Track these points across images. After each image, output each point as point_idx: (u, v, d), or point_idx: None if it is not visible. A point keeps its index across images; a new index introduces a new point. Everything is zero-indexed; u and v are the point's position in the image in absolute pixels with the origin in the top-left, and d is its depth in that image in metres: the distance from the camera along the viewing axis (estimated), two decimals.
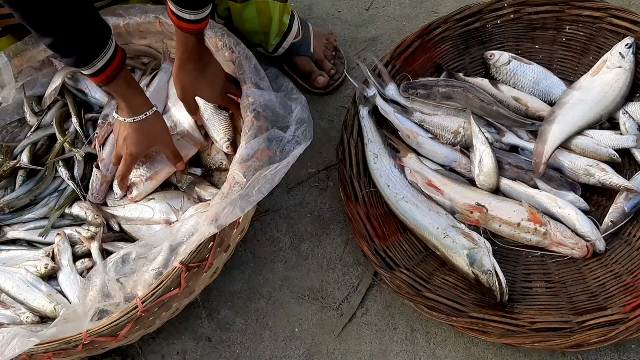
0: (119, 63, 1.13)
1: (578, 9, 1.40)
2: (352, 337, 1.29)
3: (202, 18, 1.14)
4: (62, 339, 1.09)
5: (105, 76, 1.12)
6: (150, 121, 1.22)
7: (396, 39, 1.62)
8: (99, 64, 1.10)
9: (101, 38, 1.10)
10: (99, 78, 1.12)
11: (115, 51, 1.12)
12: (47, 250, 1.32)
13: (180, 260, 1.10)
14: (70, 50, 1.07)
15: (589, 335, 1.10)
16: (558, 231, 1.24)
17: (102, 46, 1.09)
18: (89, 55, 1.09)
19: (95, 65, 1.09)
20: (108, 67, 1.11)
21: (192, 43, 1.19)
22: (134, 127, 1.22)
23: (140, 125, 1.22)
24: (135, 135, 1.23)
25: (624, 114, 1.32)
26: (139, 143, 1.24)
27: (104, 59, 1.10)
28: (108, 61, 1.11)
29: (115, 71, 1.13)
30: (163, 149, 1.29)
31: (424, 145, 1.39)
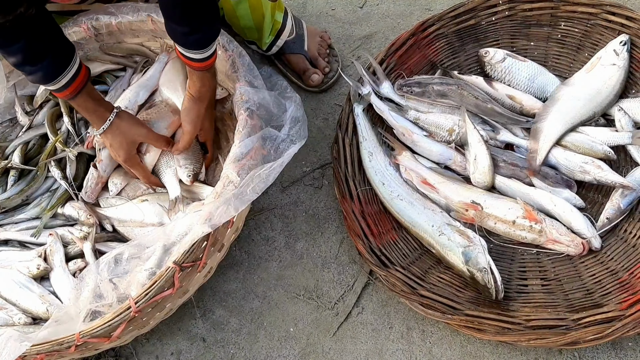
0: (83, 79, 1.17)
1: (573, 5, 1.40)
2: (347, 337, 1.28)
3: (209, 55, 1.16)
4: (54, 340, 1.08)
5: (69, 92, 1.16)
6: (117, 123, 1.24)
7: (390, 36, 1.61)
8: (63, 80, 1.14)
9: (65, 55, 1.14)
10: (63, 93, 1.17)
11: (79, 67, 1.16)
12: (39, 250, 1.30)
13: (173, 260, 1.09)
14: (35, 68, 1.11)
15: (585, 333, 1.10)
16: (553, 228, 1.24)
17: (65, 63, 1.13)
18: (54, 73, 1.13)
19: (60, 81, 1.14)
20: (72, 83, 1.15)
21: (208, 78, 1.23)
22: (108, 136, 1.25)
23: (112, 131, 1.24)
24: (114, 141, 1.25)
25: (619, 111, 1.32)
26: (121, 147, 1.26)
27: (68, 75, 1.14)
28: (72, 77, 1.15)
29: (80, 87, 1.17)
30: (145, 140, 1.29)
31: (419, 143, 1.39)
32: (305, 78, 1.57)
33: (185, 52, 1.14)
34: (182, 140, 1.29)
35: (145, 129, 1.28)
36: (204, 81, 1.22)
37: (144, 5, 1.41)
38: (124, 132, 1.25)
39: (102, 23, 1.41)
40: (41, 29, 1.09)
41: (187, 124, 1.27)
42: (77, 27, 1.41)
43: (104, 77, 1.49)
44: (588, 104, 1.33)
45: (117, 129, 1.24)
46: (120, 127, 1.24)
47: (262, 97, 1.26)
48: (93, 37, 1.43)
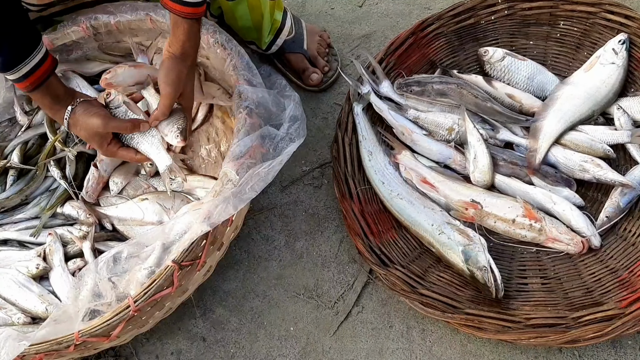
0: (47, 70, 1.10)
1: (572, 5, 1.40)
2: (348, 336, 1.28)
3: (200, 2, 1.08)
4: (53, 340, 1.08)
5: (29, 82, 1.09)
6: (73, 120, 1.15)
7: (390, 35, 1.62)
8: (24, 69, 1.07)
9: (28, 44, 1.07)
10: (23, 84, 1.09)
11: (43, 58, 1.09)
12: (38, 250, 1.30)
13: (172, 258, 1.09)
14: None
15: (585, 331, 1.10)
16: (553, 227, 1.24)
17: (28, 52, 1.07)
18: (13, 61, 1.06)
19: (20, 70, 1.07)
20: (32, 73, 1.08)
21: (196, 30, 1.12)
22: (72, 126, 1.16)
23: (74, 128, 1.16)
24: (82, 132, 1.16)
25: (619, 109, 1.32)
26: (90, 140, 1.17)
27: (29, 64, 1.07)
28: (33, 67, 1.08)
29: (40, 79, 1.09)
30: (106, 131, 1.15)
31: (418, 142, 1.39)
32: (304, 77, 1.57)
33: None
34: (160, 106, 1.15)
35: (102, 118, 1.14)
36: (190, 35, 1.11)
37: (143, 4, 1.40)
38: (83, 127, 1.15)
39: (100, 22, 1.40)
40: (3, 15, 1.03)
41: (167, 85, 1.12)
42: (76, 26, 1.40)
43: None
44: (587, 102, 1.33)
45: (76, 125, 1.15)
46: (77, 122, 1.14)
47: (261, 95, 1.26)
48: (92, 36, 1.43)
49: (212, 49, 1.33)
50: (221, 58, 1.32)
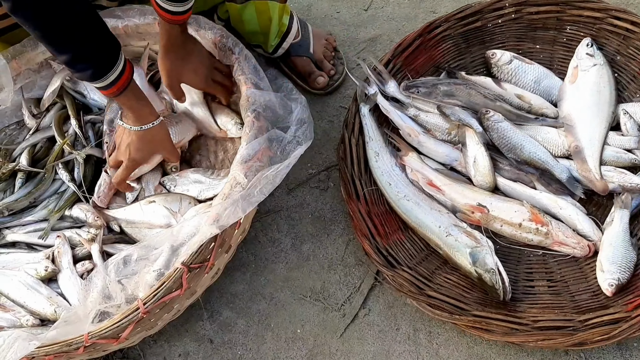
0: (129, 75, 1.17)
1: (579, 10, 1.40)
2: (354, 338, 1.29)
3: (185, 10, 1.18)
4: (63, 341, 1.09)
5: (116, 88, 1.16)
6: (155, 130, 1.25)
7: (395, 39, 1.62)
8: (111, 77, 1.13)
9: (113, 52, 1.13)
10: (110, 91, 1.16)
11: (125, 64, 1.16)
12: (47, 252, 1.31)
13: (182, 261, 1.10)
14: (85, 65, 1.11)
15: (592, 334, 1.10)
16: (560, 231, 1.24)
17: (113, 60, 1.13)
18: (102, 70, 1.12)
19: (108, 78, 1.13)
20: (119, 80, 1.15)
21: (176, 32, 1.24)
22: (138, 135, 1.25)
23: (145, 134, 1.25)
24: (140, 142, 1.26)
25: (625, 114, 1.32)
26: (142, 150, 1.27)
27: (116, 72, 1.13)
28: (119, 74, 1.14)
29: (126, 83, 1.17)
30: (164, 155, 1.33)
31: (425, 144, 1.39)
32: (310, 80, 1.57)
33: (163, 3, 1.16)
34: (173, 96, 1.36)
35: (171, 144, 1.31)
36: (171, 34, 1.23)
37: (151, 9, 1.41)
38: (155, 140, 1.27)
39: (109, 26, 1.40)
40: (90, 27, 1.09)
41: (164, 78, 1.32)
42: None
43: None
44: (601, 107, 1.33)
45: (150, 135, 1.25)
46: (156, 136, 1.26)
47: (268, 99, 1.27)
48: None
49: (219, 52, 1.34)
50: (229, 62, 1.33)
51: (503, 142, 1.33)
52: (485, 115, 1.34)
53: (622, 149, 1.30)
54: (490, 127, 1.34)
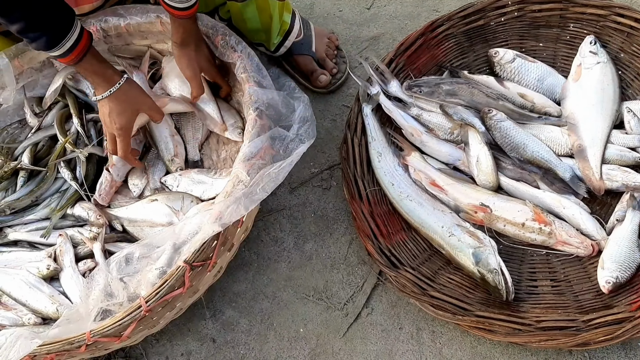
0: (87, 41, 1.19)
1: (582, 7, 1.41)
2: (357, 337, 1.29)
3: (192, 4, 1.23)
4: (65, 339, 1.09)
5: (74, 55, 1.17)
6: (125, 89, 1.25)
7: (398, 37, 1.62)
8: (67, 44, 1.15)
9: (67, 19, 1.15)
10: (68, 58, 1.17)
11: (81, 31, 1.17)
12: (49, 251, 1.32)
13: (184, 259, 1.10)
14: (38, 34, 1.12)
15: (596, 334, 1.10)
16: (563, 230, 1.24)
17: (68, 27, 1.14)
18: (57, 37, 1.14)
19: (64, 45, 1.15)
20: (76, 46, 1.16)
21: (189, 26, 1.28)
22: (112, 100, 1.25)
23: (118, 95, 1.25)
24: (118, 106, 1.25)
25: (628, 112, 1.32)
26: (124, 112, 1.26)
27: (72, 39, 1.15)
28: (76, 40, 1.16)
29: (84, 49, 1.18)
30: (147, 111, 1.31)
31: (427, 144, 1.39)
32: (313, 79, 1.57)
33: (170, 1, 1.20)
34: (192, 88, 1.35)
35: (150, 99, 1.31)
36: (185, 27, 1.28)
37: (153, 7, 1.41)
38: (130, 98, 1.26)
39: (110, 25, 1.42)
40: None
41: (186, 69, 1.33)
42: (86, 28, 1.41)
43: None
44: (605, 105, 1.33)
45: (123, 95, 1.25)
46: (127, 93, 1.25)
47: (271, 97, 1.27)
48: (102, 39, 1.44)
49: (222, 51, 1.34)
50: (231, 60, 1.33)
51: (506, 141, 1.33)
52: (488, 115, 1.34)
53: (626, 147, 1.30)
54: (492, 126, 1.34)
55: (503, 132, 1.33)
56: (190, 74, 1.34)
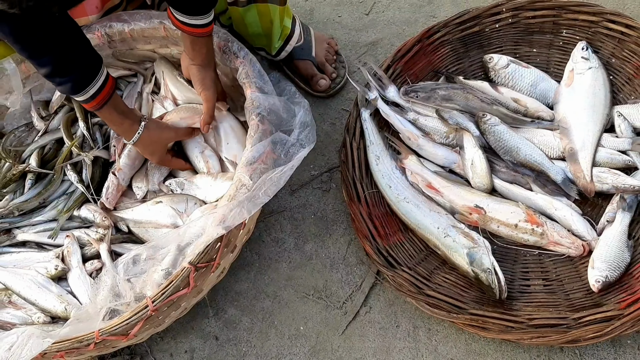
0: (110, 90, 1.21)
1: (574, 14, 1.44)
2: (356, 335, 1.33)
3: (211, 21, 1.23)
4: (75, 338, 1.12)
5: (97, 102, 1.19)
6: (146, 134, 1.29)
7: (396, 43, 1.65)
8: (91, 90, 1.17)
9: (94, 66, 1.17)
10: (91, 104, 1.20)
11: (106, 78, 1.19)
12: (57, 252, 1.34)
13: (189, 260, 1.13)
14: (65, 79, 1.15)
15: (586, 331, 1.14)
16: (555, 231, 1.28)
17: (94, 74, 1.17)
18: (82, 83, 1.16)
19: (88, 91, 1.17)
20: (100, 93, 1.18)
21: (210, 43, 1.28)
22: (139, 146, 1.31)
23: (142, 141, 1.30)
24: (146, 149, 1.33)
25: (619, 117, 1.36)
26: (154, 153, 1.34)
27: (96, 85, 1.17)
28: (100, 87, 1.18)
29: (106, 97, 1.20)
30: (176, 140, 1.38)
31: (424, 147, 1.43)
32: (313, 83, 1.61)
33: (191, 20, 1.19)
34: (206, 110, 1.31)
35: (173, 131, 1.35)
36: (209, 45, 1.28)
37: (156, 13, 1.44)
38: (154, 140, 1.31)
39: (115, 30, 1.44)
40: (70, 41, 1.13)
41: (207, 90, 1.30)
42: (91, 34, 1.44)
43: (117, 83, 1.53)
44: (596, 109, 1.37)
45: (147, 139, 1.30)
46: (150, 137, 1.30)
47: (272, 102, 1.30)
48: (106, 44, 1.47)
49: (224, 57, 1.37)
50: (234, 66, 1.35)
51: (499, 145, 1.37)
52: (482, 119, 1.38)
53: (616, 151, 1.34)
54: (487, 130, 1.38)
55: (497, 136, 1.37)
56: (210, 95, 1.31)
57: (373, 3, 1.76)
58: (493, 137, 1.37)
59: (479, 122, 1.39)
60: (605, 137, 1.35)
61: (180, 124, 1.38)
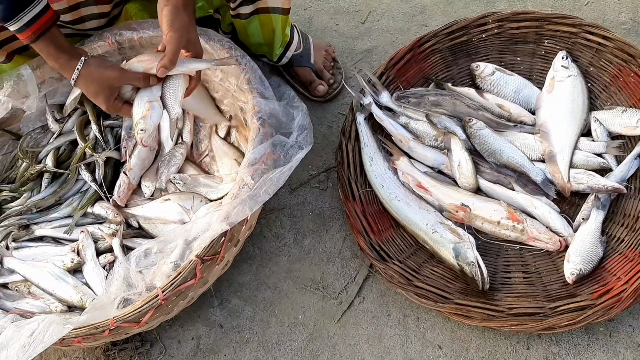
0: (48, 20, 1.12)
1: (555, 25, 1.52)
2: (350, 323, 1.40)
3: None
4: (92, 324, 1.20)
5: (31, 32, 1.11)
6: (87, 71, 1.17)
7: (390, 50, 1.72)
8: (24, 18, 1.09)
9: None
10: (24, 34, 1.11)
11: (44, 8, 1.11)
12: (72, 246, 1.42)
13: (196, 253, 1.21)
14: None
15: (560, 319, 1.22)
16: (534, 228, 1.36)
17: (28, 1, 1.08)
18: (13, 9, 1.08)
19: (20, 19, 1.09)
20: (33, 23, 1.09)
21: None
22: (81, 84, 1.19)
23: (83, 79, 1.18)
24: (89, 89, 1.19)
25: (595, 122, 1.44)
26: (98, 94, 1.20)
27: (30, 14, 1.09)
28: (34, 17, 1.09)
29: (42, 28, 1.11)
30: (122, 83, 1.20)
31: (415, 150, 1.51)
32: (311, 89, 1.67)
33: None
34: (168, 53, 1.14)
35: (118, 71, 1.19)
36: None
37: None
38: (96, 79, 1.17)
39: (125, 38, 1.50)
40: None
41: (173, 31, 1.13)
42: (102, 41, 1.50)
43: None
44: (575, 115, 1.44)
45: (88, 76, 1.17)
46: (91, 74, 1.17)
47: (273, 107, 1.36)
48: (116, 50, 1.52)
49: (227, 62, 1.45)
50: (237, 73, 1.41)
51: (484, 148, 1.45)
52: (469, 123, 1.46)
53: (592, 154, 1.42)
54: (472, 134, 1.46)
55: (482, 139, 1.46)
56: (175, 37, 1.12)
57: (368, 12, 1.84)
58: (478, 140, 1.46)
59: (465, 126, 1.47)
60: (582, 141, 1.43)
61: (136, 67, 1.23)
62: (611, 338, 1.29)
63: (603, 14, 1.69)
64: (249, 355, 1.40)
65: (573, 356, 1.29)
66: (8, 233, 1.49)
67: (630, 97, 1.45)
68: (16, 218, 1.49)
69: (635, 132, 1.41)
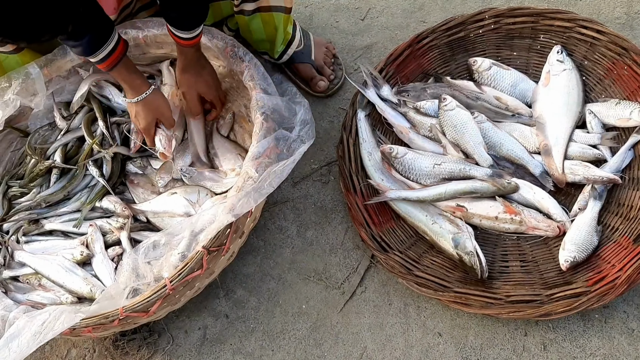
0: (121, 52, 1.34)
1: (551, 20, 1.55)
2: (352, 312, 1.43)
3: (195, 36, 1.36)
4: (102, 314, 1.23)
5: (108, 63, 1.33)
6: (150, 99, 1.43)
7: (389, 46, 1.75)
8: (101, 54, 1.31)
9: (104, 32, 1.30)
10: (103, 65, 1.33)
11: (117, 41, 1.32)
12: (81, 239, 1.45)
13: (202, 245, 1.24)
14: (77, 43, 1.28)
15: (556, 306, 1.26)
16: (532, 217, 1.39)
17: (104, 39, 1.30)
18: (93, 47, 1.29)
19: (99, 54, 1.31)
20: (110, 56, 1.32)
21: (191, 52, 1.42)
22: (138, 106, 1.43)
23: (143, 103, 1.43)
24: (141, 112, 1.44)
25: (590, 114, 1.47)
26: (145, 118, 1.46)
27: (106, 49, 1.30)
28: (110, 51, 1.31)
29: (117, 59, 1.33)
30: (163, 121, 1.49)
31: (414, 141, 1.54)
32: (312, 85, 1.71)
33: (175, 31, 1.34)
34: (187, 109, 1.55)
35: (169, 111, 1.48)
36: (187, 55, 1.42)
37: None
38: (153, 108, 1.44)
39: (130, 37, 1.55)
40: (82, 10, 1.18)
41: (185, 93, 1.51)
42: None
43: None
44: (570, 107, 1.47)
45: (148, 104, 1.43)
46: (152, 103, 1.43)
47: (275, 102, 1.40)
48: None
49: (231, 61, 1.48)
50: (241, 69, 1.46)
51: (485, 140, 1.48)
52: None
53: (587, 145, 1.45)
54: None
55: (483, 132, 1.48)
56: (188, 97, 1.51)
57: (368, 9, 1.87)
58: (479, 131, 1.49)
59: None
60: (577, 133, 1.47)
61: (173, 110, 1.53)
62: (606, 324, 1.33)
63: (598, 9, 1.72)
64: (254, 344, 1.44)
65: (569, 342, 1.32)
66: (18, 227, 1.53)
67: (624, 89, 1.48)
68: (26, 213, 1.53)
69: (629, 124, 1.44)
